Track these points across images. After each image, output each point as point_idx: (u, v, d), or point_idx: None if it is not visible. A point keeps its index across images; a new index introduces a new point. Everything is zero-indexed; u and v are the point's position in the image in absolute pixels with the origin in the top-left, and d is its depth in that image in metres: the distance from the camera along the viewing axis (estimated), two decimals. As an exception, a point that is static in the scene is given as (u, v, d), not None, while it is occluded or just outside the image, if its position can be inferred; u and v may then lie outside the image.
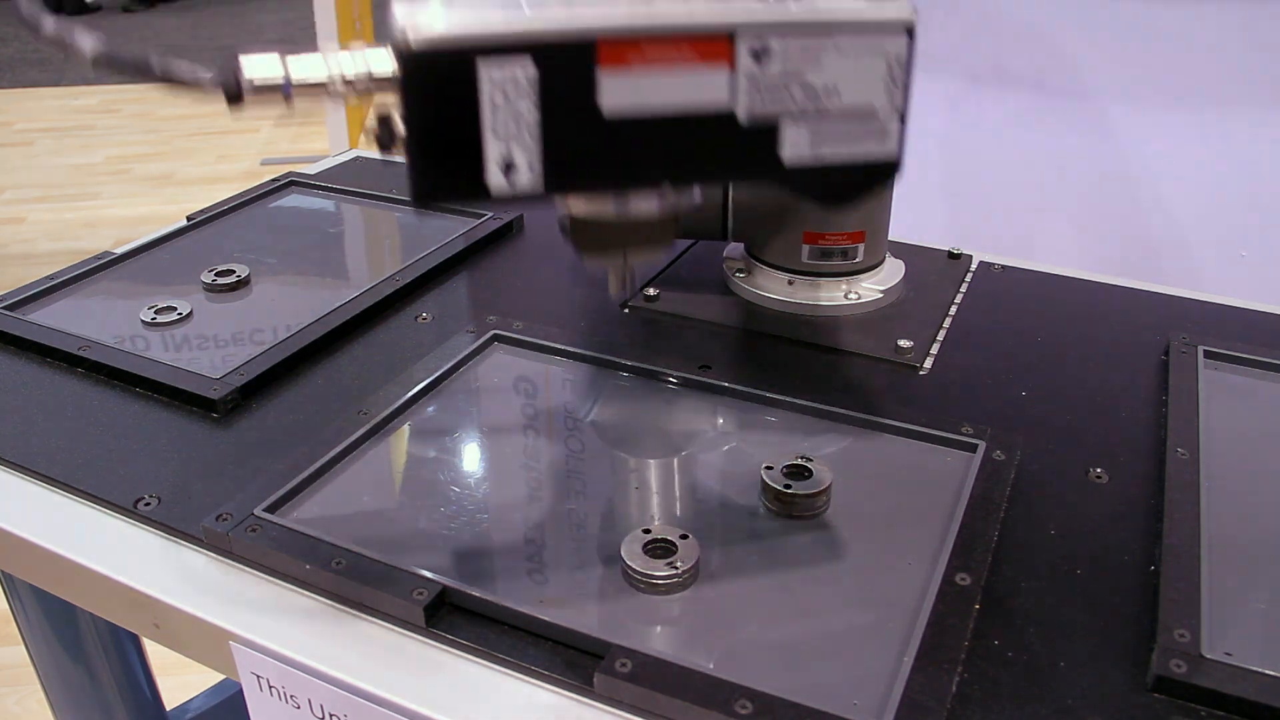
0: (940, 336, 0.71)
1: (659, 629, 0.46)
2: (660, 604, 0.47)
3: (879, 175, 0.42)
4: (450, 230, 0.87)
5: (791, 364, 0.68)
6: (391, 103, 0.38)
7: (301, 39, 4.70)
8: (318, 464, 0.55)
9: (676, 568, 0.47)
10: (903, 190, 0.79)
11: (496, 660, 0.45)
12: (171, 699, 0.92)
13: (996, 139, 1.17)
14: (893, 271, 0.77)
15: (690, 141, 0.38)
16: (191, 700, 1.04)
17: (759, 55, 0.38)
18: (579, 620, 0.45)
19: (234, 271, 0.79)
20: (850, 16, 0.38)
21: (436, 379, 0.64)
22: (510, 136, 0.36)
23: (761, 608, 0.47)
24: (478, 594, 0.46)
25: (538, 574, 0.49)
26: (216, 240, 0.87)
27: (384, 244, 0.88)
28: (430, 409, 0.62)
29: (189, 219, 0.90)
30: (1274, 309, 0.74)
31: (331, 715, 0.46)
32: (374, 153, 1.08)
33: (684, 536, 0.49)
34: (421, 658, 0.46)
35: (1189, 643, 0.44)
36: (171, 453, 0.58)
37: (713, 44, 0.37)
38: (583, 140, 0.37)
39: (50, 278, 0.78)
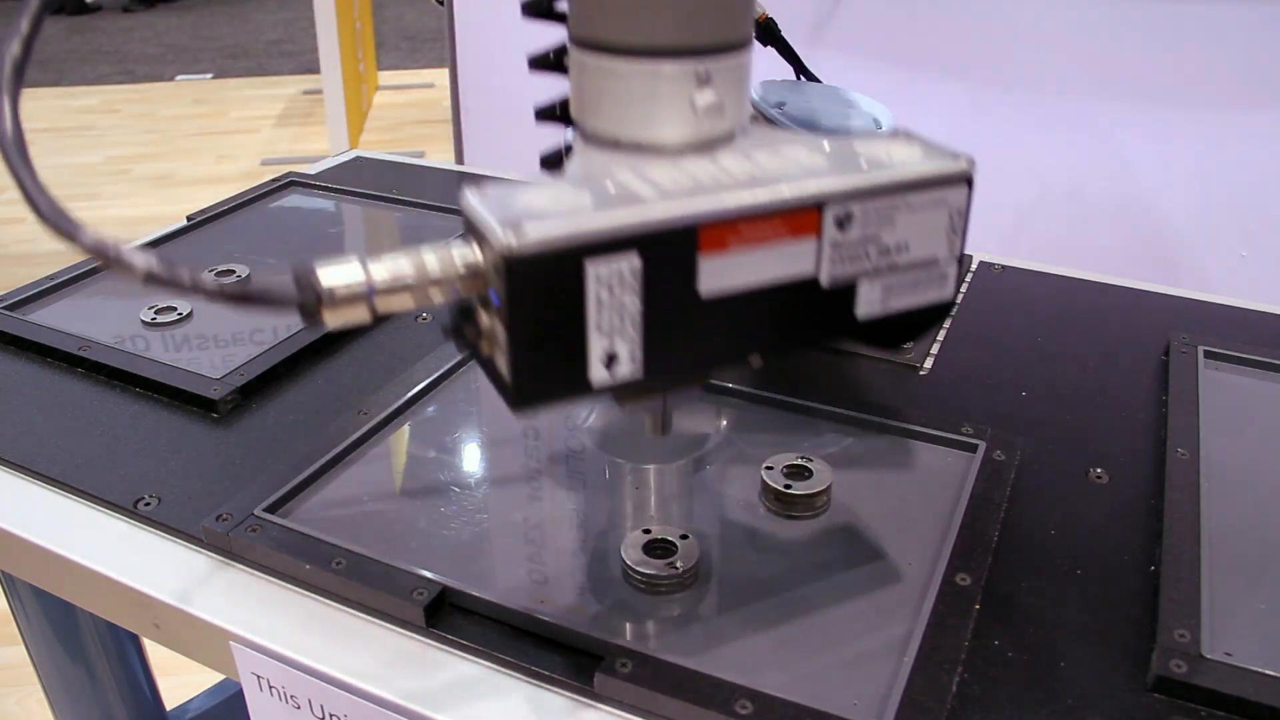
0: (940, 336, 0.71)
1: (659, 629, 0.46)
2: (661, 604, 0.47)
3: (935, 316, 0.43)
4: (451, 230, 0.87)
5: (792, 364, 0.67)
6: (474, 296, 0.35)
7: (301, 39, 4.70)
8: (318, 464, 0.55)
9: (676, 568, 0.47)
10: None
11: (496, 660, 0.45)
12: (171, 699, 0.92)
13: (996, 139, 1.17)
14: (893, 271, 0.77)
15: (776, 311, 0.39)
16: (191, 700, 1.04)
17: (842, 222, 0.38)
18: (579, 620, 0.45)
19: (234, 271, 0.79)
20: (918, 174, 0.39)
21: (436, 379, 0.64)
22: (614, 330, 0.36)
23: (761, 607, 0.47)
24: (478, 594, 0.46)
25: (538, 574, 0.49)
26: (216, 240, 0.87)
27: (384, 244, 0.88)
28: (430, 409, 0.62)
29: (189, 219, 0.90)
30: (1274, 309, 0.74)
31: (331, 715, 0.46)
32: (374, 152, 1.09)
33: (684, 536, 0.49)
34: (421, 658, 0.46)
35: (1189, 643, 0.44)
36: (171, 453, 0.58)
37: (804, 217, 0.37)
38: (680, 323, 0.37)
39: (50, 278, 0.78)
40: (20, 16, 0.35)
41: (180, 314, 0.73)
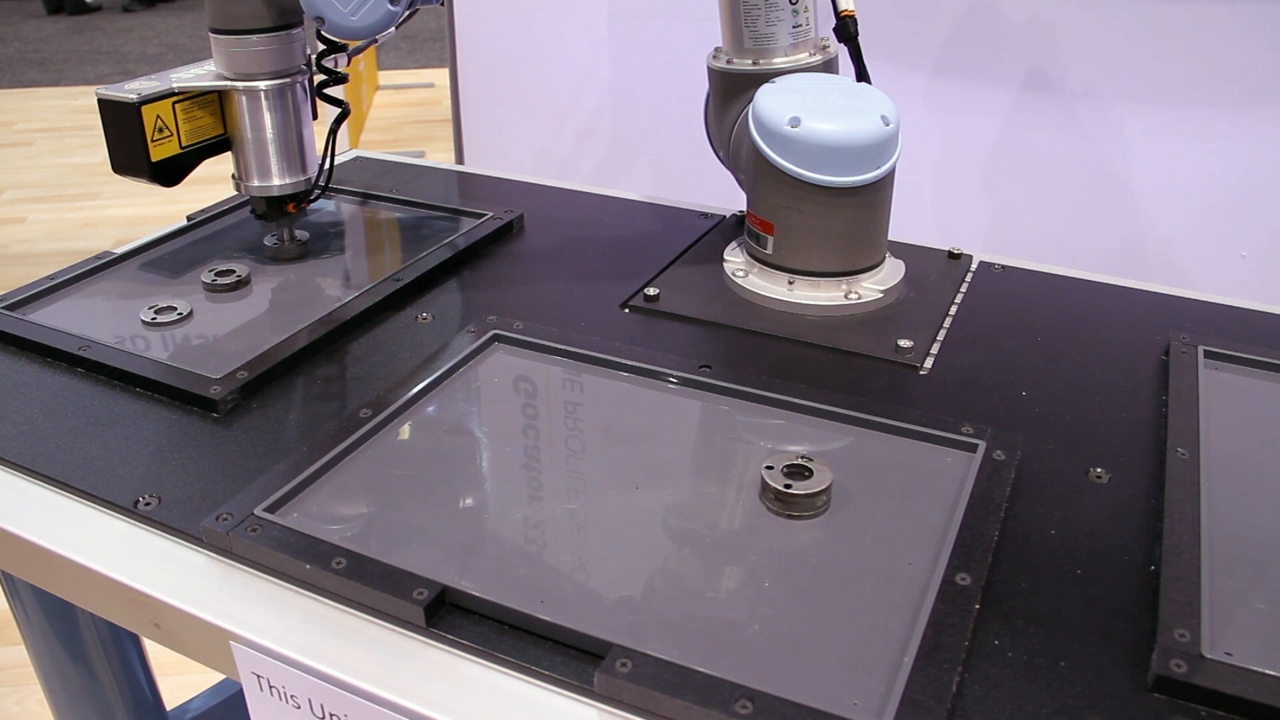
0: (940, 336, 0.71)
1: (659, 628, 0.46)
2: (662, 603, 0.47)
3: None
4: (450, 230, 0.87)
5: (791, 364, 0.67)
6: None
7: (301, 39, 4.70)
8: (318, 464, 0.55)
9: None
10: (902, 191, 0.79)
11: (496, 660, 0.45)
12: (171, 699, 0.92)
13: (996, 139, 1.17)
14: (893, 271, 0.77)
15: None
16: (191, 700, 1.04)
17: None
18: (579, 620, 0.45)
19: (234, 271, 0.79)
20: None
21: (436, 379, 0.64)
22: None
23: (761, 607, 0.47)
24: (478, 594, 0.46)
25: (538, 574, 0.49)
26: (216, 240, 0.87)
27: (384, 244, 0.88)
28: (430, 409, 0.62)
29: (189, 219, 0.90)
30: (1274, 309, 0.74)
31: (331, 715, 0.46)
32: (374, 152, 1.09)
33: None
34: (421, 658, 0.46)
35: (1189, 643, 0.44)
36: (171, 453, 0.58)
37: None
38: None
39: (50, 278, 0.78)
40: None
41: (180, 314, 0.73)
